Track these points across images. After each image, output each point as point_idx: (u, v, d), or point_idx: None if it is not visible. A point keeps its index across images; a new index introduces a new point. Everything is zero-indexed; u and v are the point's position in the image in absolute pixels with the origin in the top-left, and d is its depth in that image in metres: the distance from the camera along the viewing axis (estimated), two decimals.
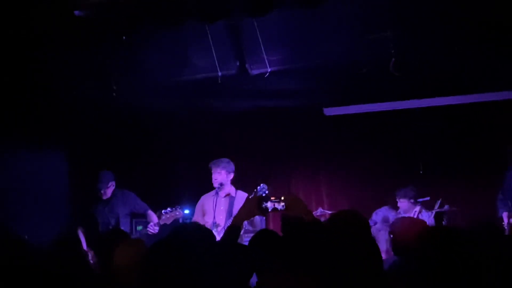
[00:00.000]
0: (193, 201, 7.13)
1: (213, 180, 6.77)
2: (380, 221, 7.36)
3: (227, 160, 6.84)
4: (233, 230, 3.29)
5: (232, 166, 6.82)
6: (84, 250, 6.41)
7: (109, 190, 7.05)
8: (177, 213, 6.87)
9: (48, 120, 7.79)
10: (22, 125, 7.56)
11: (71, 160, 8.59)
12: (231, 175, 6.82)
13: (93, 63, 7.27)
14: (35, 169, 7.87)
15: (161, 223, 6.83)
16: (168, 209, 6.85)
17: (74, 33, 6.67)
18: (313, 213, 5.45)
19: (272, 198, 3.33)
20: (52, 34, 6.65)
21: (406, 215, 7.06)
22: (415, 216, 7.04)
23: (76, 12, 6.39)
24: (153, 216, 7.03)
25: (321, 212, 7.83)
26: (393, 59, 6.67)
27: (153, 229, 6.75)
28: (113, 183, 7.08)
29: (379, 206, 7.74)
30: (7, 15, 6.34)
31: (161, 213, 6.89)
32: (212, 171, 6.78)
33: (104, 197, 7.04)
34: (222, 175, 6.75)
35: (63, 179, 8.49)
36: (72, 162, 8.58)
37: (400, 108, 8.15)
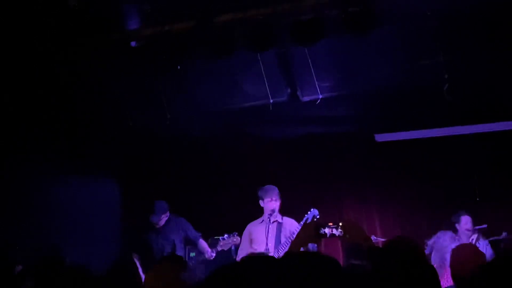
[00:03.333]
0: (242, 228, 7.13)
1: (267, 207, 6.76)
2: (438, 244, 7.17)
3: (275, 187, 6.85)
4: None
5: (279, 193, 6.84)
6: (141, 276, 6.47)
7: (162, 221, 7.12)
8: (235, 240, 6.89)
9: (101, 148, 7.97)
10: (76, 153, 7.74)
11: (124, 187, 8.73)
12: (280, 202, 6.82)
13: (147, 92, 7.44)
14: (89, 197, 8.02)
15: (219, 249, 6.85)
16: (226, 235, 6.88)
17: (129, 64, 6.87)
18: None
19: (329, 223, 3.31)
20: (108, 65, 6.87)
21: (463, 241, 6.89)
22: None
23: (132, 43, 6.59)
24: (204, 245, 7.06)
25: (375, 240, 7.68)
26: (447, 84, 6.58)
27: (210, 255, 6.81)
28: (167, 213, 7.15)
29: (433, 233, 7.56)
30: (61, 46, 6.57)
31: (218, 239, 6.92)
32: (265, 199, 6.77)
33: (158, 226, 7.11)
34: (275, 202, 6.75)
35: (116, 207, 8.62)
36: (124, 190, 8.73)
37: (453, 134, 8.01)
